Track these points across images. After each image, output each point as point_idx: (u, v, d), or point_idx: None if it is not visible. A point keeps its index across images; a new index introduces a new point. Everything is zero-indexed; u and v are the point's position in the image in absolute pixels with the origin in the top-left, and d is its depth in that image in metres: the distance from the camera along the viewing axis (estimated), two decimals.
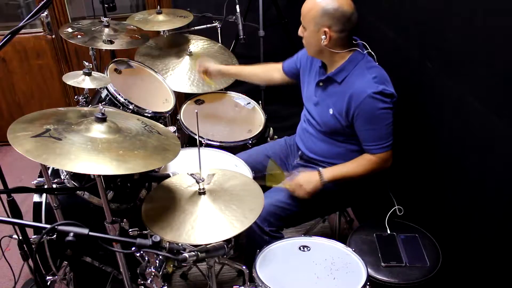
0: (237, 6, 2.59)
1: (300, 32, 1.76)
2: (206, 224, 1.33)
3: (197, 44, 2.62)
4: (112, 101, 1.98)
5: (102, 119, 1.29)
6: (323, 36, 1.66)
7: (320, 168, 1.79)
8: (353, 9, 1.65)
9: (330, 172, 1.78)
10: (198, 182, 1.41)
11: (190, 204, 1.39)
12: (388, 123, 1.68)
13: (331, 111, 1.77)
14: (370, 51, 1.76)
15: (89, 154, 1.17)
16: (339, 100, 1.73)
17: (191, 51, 2.50)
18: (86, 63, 1.86)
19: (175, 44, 2.60)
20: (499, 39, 1.34)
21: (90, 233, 1.02)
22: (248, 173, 1.85)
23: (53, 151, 1.14)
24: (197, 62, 2.36)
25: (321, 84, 1.82)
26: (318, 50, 1.74)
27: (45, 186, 1.63)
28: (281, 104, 2.94)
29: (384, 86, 1.65)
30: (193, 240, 1.28)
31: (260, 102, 2.52)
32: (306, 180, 1.77)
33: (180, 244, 1.32)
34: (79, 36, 2.16)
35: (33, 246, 1.60)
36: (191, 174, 1.43)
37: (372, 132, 1.70)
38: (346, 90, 1.70)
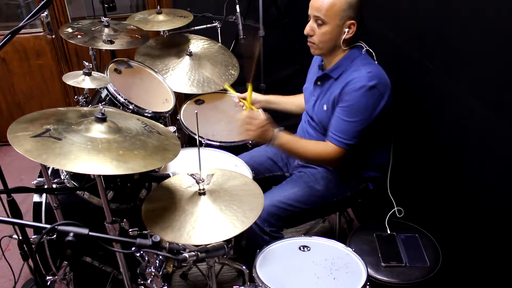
0: (237, 6, 2.59)
1: (310, 30, 1.70)
2: (207, 225, 1.33)
3: (197, 44, 2.62)
4: (112, 101, 1.98)
5: (102, 119, 1.29)
6: (346, 29, 1.66)
7: (279, 130, 1.73)
8: None
9: (284, 140, 1.73)
10: (198, 183, 1.41)
11: (190, 204, 1.39)
12: (362, 122, 1.64)
13: (325, 107, 1.76)
14: (369, 49, 1.76)
15: (89, 154, 1.17)
16: (332, 95, 1.72)
17: (191, 51, 2.50)
18: (86, 63, 1.86)
19: (175, 44, 2.60)
20: (499, 39, 1.34)
21: (90, 233, 1.02)
22: (248, 173, 1.85)
23: (53, 151, 1.14)
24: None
25: (318, 82, 1.83)
26: (332, 47, 1.72)
27: (45, 186, 1.63)
28: None
29: (376, 82, 1.62)
30: (194, 240, 1.28)
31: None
32: (258, 131, 1.72)
33: (180, 244, 1.32)
34: (79, 36, 2.16)
35: (33, 246, 1.60)
36: (191, 175, 1.43)
37: (342, 122, 1.66)
38: (341, 83, 1.69)
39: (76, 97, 2.25)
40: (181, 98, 2.54)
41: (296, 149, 1.75)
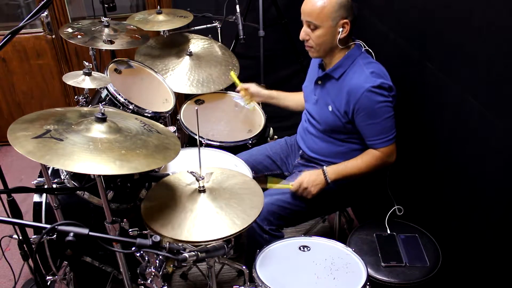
0: (237, 6, 2.59)
1: (305, 35, 1.73)
2: (207, 222, 1.33)
3: (197, 44, 2.62)
4: (112, 101, 1.98)
5: (102, 119, 1.29)
6: (340, 29, 1.68)
7: (325, 167, 1.79)
8: None
9: (334, 171, 1.78)
10: (197, 180, 1.41)
11: (190, 202, 1.40)
12: (389, 116, 1.69)
13: (330, 108, 1.77)
14: (368, 48, 1.77)
15: (92, 154, 1.17)
16: (337, 96, 1.74)
17: (191, 51, 2.50)
18: (86, 63, 1.86)
19: (175, 44, 2.60)
20: (499, 39, 1.34)
21: (90, 233, 1.02)
22: (248, 173, 1.85)
23: (55, 152, 1.14)
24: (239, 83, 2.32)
25: (319, 82, 1.83)
26: (329, 48, 1.74)
27: (45, 186, 1.63)
28: None
29: (382, 80, 1.66)
30: (195, 237, 1.28)
31: (260, 102, 2.53)
32: (311, 181, 1.77)
33: (180, 244, 1.32)
34: (79, 36, 2.16)
35: (33, 246, 1.60)
36: (191, 172, 1.43)
37: (373, 126, 1.70)
38: (344, 86, 1.71)
39: (76, 97, 2.25)
40: (181, 98, 2.54)
41: (352, 173, 1.78)
